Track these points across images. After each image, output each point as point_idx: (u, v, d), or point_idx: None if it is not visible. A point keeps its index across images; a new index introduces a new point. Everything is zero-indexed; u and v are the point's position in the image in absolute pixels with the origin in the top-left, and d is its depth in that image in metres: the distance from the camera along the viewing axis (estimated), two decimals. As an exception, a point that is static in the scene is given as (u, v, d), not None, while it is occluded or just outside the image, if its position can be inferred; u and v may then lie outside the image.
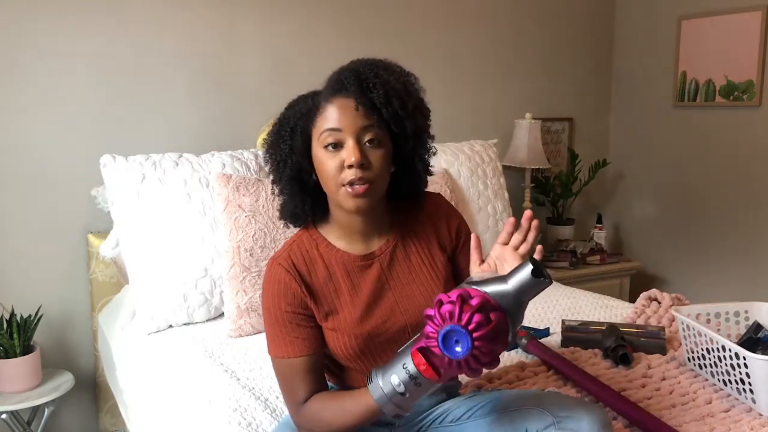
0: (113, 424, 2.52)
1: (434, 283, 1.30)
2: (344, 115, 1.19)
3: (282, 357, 1.24)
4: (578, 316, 2.17)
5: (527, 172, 3.24)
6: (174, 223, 2.06)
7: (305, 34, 2.81)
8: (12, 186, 2.36)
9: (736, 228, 3.16)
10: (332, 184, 1.20)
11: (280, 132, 1.27)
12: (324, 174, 1.20)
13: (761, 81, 2.98)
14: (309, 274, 1.26)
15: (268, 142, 1.30)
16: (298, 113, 1.25)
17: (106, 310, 2.38)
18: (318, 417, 1.21)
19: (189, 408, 1.60)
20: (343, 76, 1.22)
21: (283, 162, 1.26)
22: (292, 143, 1.25)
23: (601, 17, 3.60)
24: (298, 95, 1.30)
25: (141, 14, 2.50)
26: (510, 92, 3.30)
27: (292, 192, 1.28)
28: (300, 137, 1.24)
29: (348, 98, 1.20)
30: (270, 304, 1.25)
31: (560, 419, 1.17)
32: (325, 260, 1.28)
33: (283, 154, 1.26)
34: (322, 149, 1.20)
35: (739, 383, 1.50)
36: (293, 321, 1.23)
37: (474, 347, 0.96)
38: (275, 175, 1.29)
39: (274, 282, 1.25)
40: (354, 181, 1.17)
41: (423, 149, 1.28)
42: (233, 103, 2.69)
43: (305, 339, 1.23)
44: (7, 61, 2.31)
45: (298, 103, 1.28)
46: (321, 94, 1.24)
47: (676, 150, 3.41)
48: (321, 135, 1.20)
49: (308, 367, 1.23)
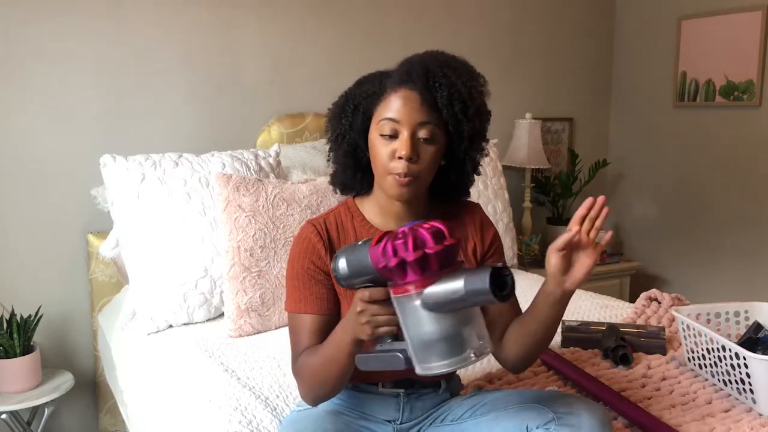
0: (113, 424, 2.52)
1: None
2: (405, 108, 1.22)
3: (295, 312, 1.28)
4: (578, 316, 2.17)
5: (527, 172, 3.24)
6: (174, 223, 2.06)
7: (305, 34, 2.81)
8: (12, 186, 2.36)
9: (736, 228, 3.16)
10: (381, 170, 1.25)
11: (344, 107, 1.30)
12: (375, 158, 1.25)
13: (761, 81, 2.98)
14: (338, 240, 1.31)
15: (331, 112, 1.34)
16: (363, 93, 1.28)
17: (106, 310, 2.38)
18: (302, 363, 1.24)
19: (189, 407, 1.60)
20: (412, 68, 1.23)
21: (341, 136, 1.31)
22: (352, 120, 1.28)
23: (601, 17, 3.60)
24: (369, 73, 1.32)
25: (141, 15, 2.50)
26: (510, 92, 3.30)
27: (345, 164, 1.33)
28: (361, 117, 1.28)
29: (412, 91, 1.22)
30: (294, 259, 1.30)
31: (560, 416, 1.17)
32: (357, 232, 1.32)
33: (342, 128, 1.30)
34: (379, 135, 1.24)
35: (739, 383, 1.50)
36: (312, 278, 1.27)
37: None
38: (332, 145, 1.34)
39: (304, 240, 1.30)
40: (401, 173, 1.22)
41: (476, 151, 1.31)
42: (233, 103, 2.69)
43: (319, 298, 1.27)
44: (8, 61, 2.31)
45: (366, 82, 1.30)
46: (389, 79, 1.26)
47: (676, 150, 3.41)
48: (380, 122, 1.24)
49: (316, 326, 1.26)
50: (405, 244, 1.00)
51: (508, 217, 2.74)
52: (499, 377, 1.66)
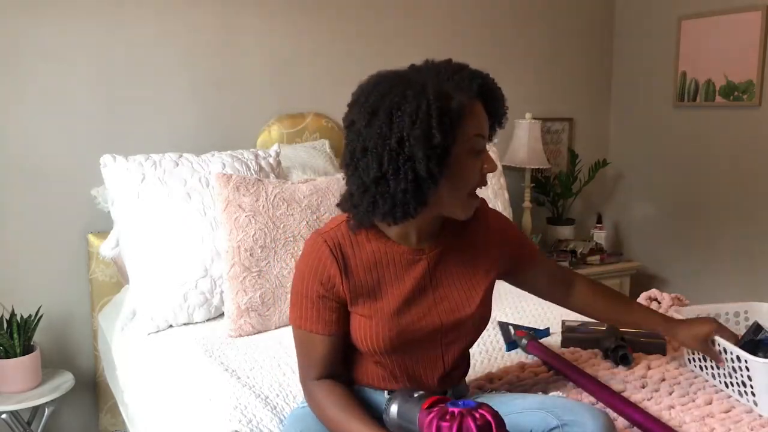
0: (113, 424, 2.52)
1: (474, 292, 1.32)
2: (485, 122, 1.21)
3: (303, 329, 1.27)
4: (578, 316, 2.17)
5: (527, 172, 3.24)
6: (174, 223, 2.06)
7: (305, 34, 2.81)
8: (12, 186, 2.36)
9: (736, 228, 3.16)
10: (467, 189, 1.20)
11: (413, 127, 1.11)
12: (462, 178, 1.19)
13: (761, 81, 2.98)
14: (353, 256, 1.25)
15: (377, 132, 1.13)
16: (444, 109, 1.12)
17: (106, 310, 2.38)
18: (321, 404, 1.25)
19: (189, 407, 1.60)
20: (475, 79, 1.18)
21: (403, 164, 1.13)
22: (439, 143, 1.12)
23: (601, 17, 3.60)
24: (397, 84, 1.17)
25: (141, 15, 2.50)
26: (510, 92, 3.23)
27: (405, 197, 1.15)
28: (448, 136, 1.13)
29: (480, 104, 1.20)
30: (302, 276, 1.26)
31: (565, 422, 1.17)
32: (373, 246, 1.27)
33: (403, 156, 1.12)
34: (469, 152, 1.18)
35: (741, 386, 1.50)
36: (320, 301, 1.25)
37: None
38: (387, 170, 1.14)
39: (314, 256, 1.24)
40: (482, 187, 1.22)
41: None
42: (233, 103, 2.69)
43: (328, 321, 1.25)
44: (8, 61, 2.31)
45: (408, 97, 1.13)
46: (454, 92, 1.14)
47: (676, 150, 3.41)
48: (473, 138, 1.18)
49: (328, 347, 1.26)
50: (450, 429, 1.03)
51: (508, 217, 2.74)
52: (500, 378, 1.65)
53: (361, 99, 1.18)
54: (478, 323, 1.34)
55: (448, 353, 1.31)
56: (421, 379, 1.30)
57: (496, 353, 1.86)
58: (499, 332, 1.98)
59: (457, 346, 1.32)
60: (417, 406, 1.12)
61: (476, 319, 1.32)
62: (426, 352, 1.29)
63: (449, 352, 1.31)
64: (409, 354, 1.27)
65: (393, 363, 1.27)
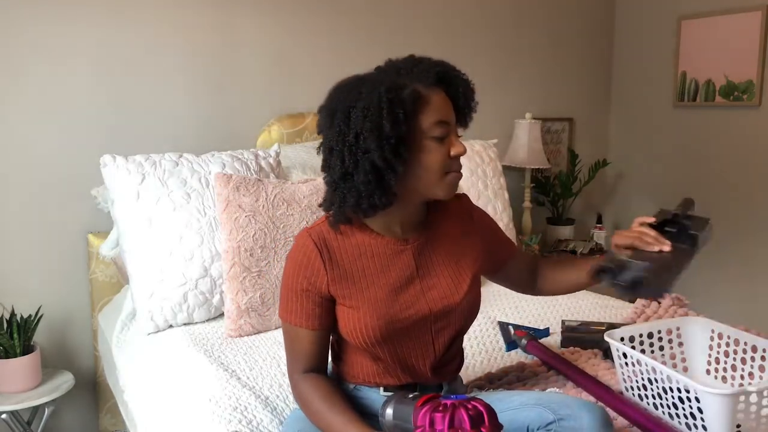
0: (113, 424, 2.52)
1: (461, 279, 1.35)
2: (448, 109, 1.24)
3: (289, 323, 1.30)
4: (578, 316, 2.18)
5: (527, 172, 3.24)
6: (174, 223, 2.06)
7: (305, 33, 2.81)
8: (12, 186, 2.36)
9: (735, 228, 3.16)
10: (438, 173, 1.23)
11: (365, 121, 1.17)
12: (428, 164, 1.22)
13: (761, 81, 2.98)
14: (338, 249, 1.28)
15: (334, 138, 1.20)
16: (395, 100, 1.16)
17: (106, 310, 2.38)
18: (305, 398, 1.28)
19: (189, 407, 1.60)
20: (432, 68, 1.23)
21: (360, 156, 1.18)
22: (380, 135, 1.16)
23: (601, 17, 3.60)
24: (353, 82, 1.23)
25: (141, 14, 2.50)
26: (510, 92, 3.30)
27: (367, 188, 1.20)
28: (402, 127, 1.17)
29: (442, 92, 1.24)
30: (290, 272, 1.29)
31: (561, 417, 1.18)
32: (358, 239, 1.30)
33: (360, 149, 1.17)
34: (431, 140, 1.22)
35: (689, 417, 1.33)
36: (307, 296, 1.28)
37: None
38: (344, 170, 1.20)
39: (301, 252, 1.28)
40: (458, 168, 1.26)
41: None
42: (233, 102, 2.69)
43: (312, 315, 1.28)
44: (8, 61, 2.31)
45: (365, 93, 1.18)
46: (409, 84, 1.19)
47: (676, 150, 3.41)
48: (433, 125, 1.22)
49: (312, 340, 1.29)
50: (443, 419, 1.05)
51: (508, 217, 2.74)
52: (499, 378, 1.65)
53: (325, 103, 1.25)
54: (467, 311, 1.36)
55: (438, 340, 1.33)
56: (413, 368, 1.31)
57: (495, 353, 1.86)
58: (499, 332, 1.98)
59: (447, 332, 1.34)
60: (411, 406, 1.14)
61: (465, 307, 1.34)
62: (416, 340, 1.31)
63: (439, 339, 1.33)
64: (400, 343, 1.28)
65: (384, 353, 1.28)
